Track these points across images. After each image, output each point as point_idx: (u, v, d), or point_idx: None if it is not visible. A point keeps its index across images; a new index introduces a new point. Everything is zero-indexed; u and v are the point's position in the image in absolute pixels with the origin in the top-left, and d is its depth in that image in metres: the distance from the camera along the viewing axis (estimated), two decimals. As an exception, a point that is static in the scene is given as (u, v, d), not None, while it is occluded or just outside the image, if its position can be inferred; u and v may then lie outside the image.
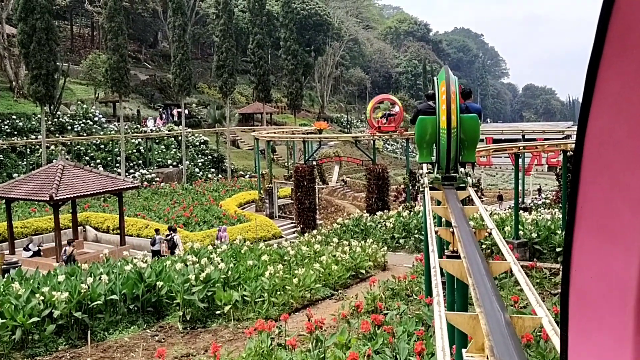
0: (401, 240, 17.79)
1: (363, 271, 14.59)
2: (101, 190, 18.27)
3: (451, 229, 5.56)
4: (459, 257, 5.30)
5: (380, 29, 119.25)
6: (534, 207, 34.47)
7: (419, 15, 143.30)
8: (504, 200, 43.65)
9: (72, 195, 17.37)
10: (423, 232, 12.36)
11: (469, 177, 7.77)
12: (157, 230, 19.78)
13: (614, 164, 1.02)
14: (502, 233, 16.66)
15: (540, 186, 45.37)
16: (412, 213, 20.06)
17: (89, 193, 17.90)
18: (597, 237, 1.09)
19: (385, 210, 22.86)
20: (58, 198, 16.82)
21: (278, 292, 11.78)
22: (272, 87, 72.04)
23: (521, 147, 14.98)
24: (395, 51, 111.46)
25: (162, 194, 32.20)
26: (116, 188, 18.67)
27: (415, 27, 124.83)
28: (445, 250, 5.81)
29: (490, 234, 5.70)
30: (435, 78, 8.11)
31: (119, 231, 21.82)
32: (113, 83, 31.37)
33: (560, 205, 22.05)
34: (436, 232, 5.72)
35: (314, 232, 20.23)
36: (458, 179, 7.60)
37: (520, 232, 16.18)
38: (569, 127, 76.26)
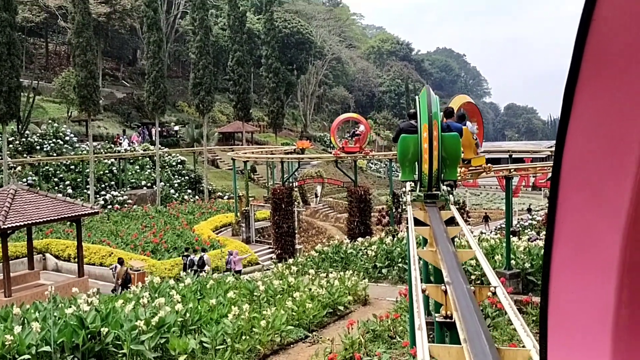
0: (384, 270, 16.44)
1: (342, 307, 13.18)
2: (56, 217, 16.68)
3: (443, 287, 4.29)
4: (453, 324, 4.03)
5: (363, 48, 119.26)
6: (521, 229, 33.45)
7: (401, 35, 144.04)
8: (491, 221, 42.65)
9: (22, 223, 15.77)
10: (407, 261, 11.17)
11: (451, 195, 7.87)
12: (120, 260, 18.25)
13: (592, 182, 1.04)
14: (492, 262, 15.40)
15: (530, 206, 44.44)
16: (395, 239, 18.74)
17: (42, 220, 16.31)
18: (575, 255, 1.10)
19: (368, 236, 21.51)
20: (6, 227, 15.21)
21: (244, 337, 10.32)
22: (254, 106, 70.87)
23: (512, 170, 13.83)
24: (378, 70, 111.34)
25: (133, 218, 30.55)
26: (74, 214, 17.10)
27: (398, 46, 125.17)
28: (436, 315, 4.52)
29: (494, 292, 4.40)
30: (417, 97, 8.12)
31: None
32: (81, 101, 29.82)
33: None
34: (423, 291, 4.41)
35: (290, 261, 18.81)
36: (440, 197, 7.60)
37: (512, 262, 14.93)
38: (551, 147, 76.07)
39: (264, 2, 58.31)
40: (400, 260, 16.60)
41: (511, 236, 16.90)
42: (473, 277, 14.31)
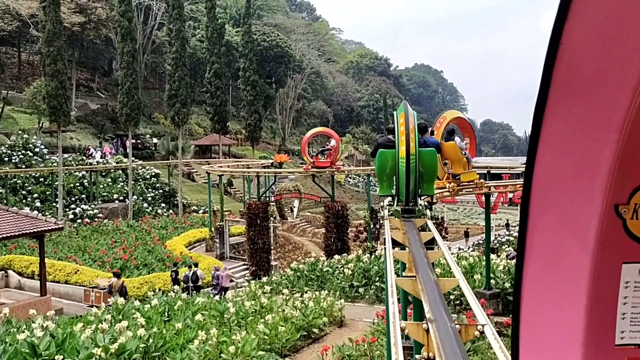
0: (361, 289, 15.89)
1: (317, 330, 12.60)
2: (17, 233, 15.79)
3: (424, 325, 3.81)
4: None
5: (342, 63, 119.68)
6: (499, 245, 33.27)
7: (380, 51, 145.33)
8: (470, 237, 42.55)
9: (-21, 239, 14.88)
10: (384, 280, 10.70)
11: (428, 210, 7.87)
12: (117, 274, 17.71)
13: (561, 202, 1.07)
14: (472, 282, 15.02)
15: (507, 221, 44.44)
16: (372, 257, 18.25)
17: (1, 237, 15.42)
18: (546, 275, 1.13)
19: (345, 253, 20.98)
20: (-39, 243, 14.32)
21: (211, 364, 9.67)
22: (232, 119, 70.21)
23: (492, 187, 13.50)
24: (357, 85, 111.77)
25: (103, 232, 29.54)
26: (36, 230, 16.23)
27: (377, 62, 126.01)
28: (417, 357, 4.03)
29: (482, 332, 3.94)
30: (395, 112, 8.20)
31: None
32: (51, 111, 28.86)
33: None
34: (402, 330, 3.92)
35: (264, 279, 18.17)
36: (417, 212, 7.64)
37: (492, 281, 14.55)
38: (524, 163, 76.81)
39: (242, 15, 57.99)
40: (377, 279, 16.10)
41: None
42: (452, 296, 13.88)
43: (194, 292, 18.15)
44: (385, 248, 7.28)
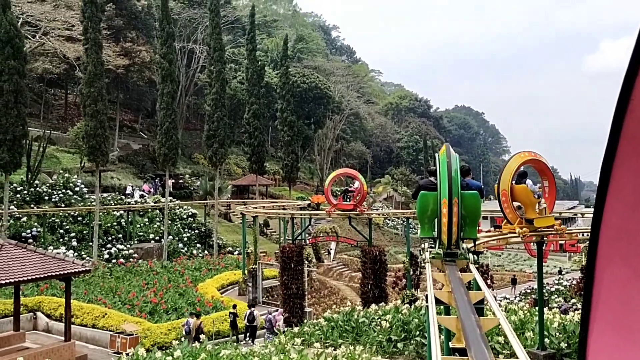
0: (399, 345, 14.60)
1: (350, 391, 11.42)
2: (43, 276, 15.34)
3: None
4: None
5: (381, 104, 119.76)
6: (548, 296, 31.15)
7: (419, 92, 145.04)
8: (518, 284, 40.34)
9: (5, 282, 14.43)
10: (426, 335, 9.66)
11: (470, 254, 7.75)
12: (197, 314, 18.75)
13: (632, 257, 1.03)
14: (523, 340, 13.57)
15: (560, 268, 41.97)
16: (412, 307, 16.95)
17: (27, 279, 14.96)
18: (613, 332, 1.08)
19: (382, 302, 19.73)
20: (-16, 285, 13.92)
21: None
22: (271, 159, 70.40)
23: (548, 235, 12.22)
24: (396, 126, 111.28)
25: (137, 273, 29.12)
26: (63, 273, 15.76)
27: (416, 103, 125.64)
28: None
29: None
30: (436, 154, 8.17)
31: (73, 319, 18.72)
32: (90, 151, 29.08)
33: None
34: None
35: (295, 329, 17.08)
36: (460, 256, 7.47)
37: (546, 340, 13.10)
38: (572, 207, 73.79)
39: (280, 57, 58.67)
40: (418, 333, 14.80)
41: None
42: (501, 356, 12.51)
43: (250, 337, 19.68)
44: (427, 305, 6.45)
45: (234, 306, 20.88)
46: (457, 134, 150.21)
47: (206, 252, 38.63)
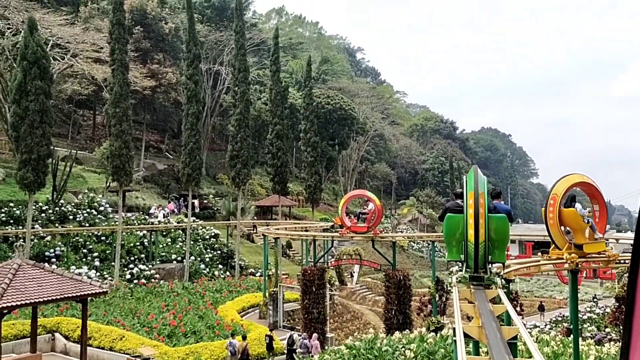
0: (424, 376, 13.89)
1: None
2: (59, 297, 15.08)
3: None
4: None
5: (406, 126, 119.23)
6: (580, 324, 29.81)
7: (445, 114, 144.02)
8: (546, 311, 38.94)
9: (20, 303, 14.22)
10: None
11: (498, 278, 7.65)
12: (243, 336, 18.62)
13: None
14: (558, 374, 12.75)
15: (595, 295, 40.35)
16: (438, 336, 16.20)
17: (42, 300, 14.71)
18: None
19: (407, 329, 18.99)
20: (1, 306, 13.70)
21: None
22: (294, 180, 70.26)
23: (581, 262, 11.46)
24: (421, 148, 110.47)
25: (157, 294, 28.84)
26: (79, 294, 15.50)
27: (442, 125, 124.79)
28: None
29: None
30: (464, 177, 8.15)
31: (89, 342, 18.43)
32: (114, 171, 29.15)
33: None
34: None
35: (316, 357, 16.46)
36: (487, 279, 7.38)
37: (583, 374, 12.25)
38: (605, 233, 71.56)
39: (304, 78, 58.86)
40: (444, 364, 14.06)
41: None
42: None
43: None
44: (455, 340, 6.00)
45: (271, 329, 21.13)
46: (484, 156, 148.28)
47: (228, 273, 38.26)
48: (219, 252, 40.91)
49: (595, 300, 36.89)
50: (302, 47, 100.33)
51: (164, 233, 39.34)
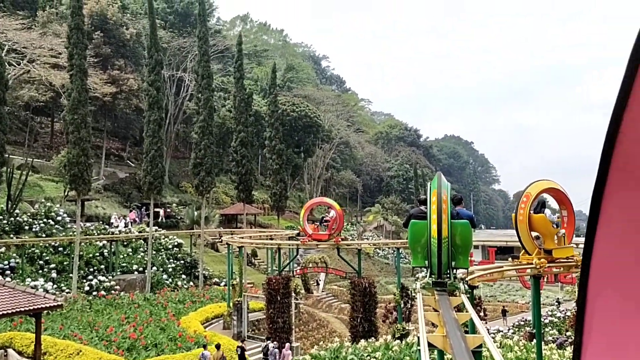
0: (390, 384, 13.79)
1: None
2: (11, 312, 14.39)
3: None
4: None
5: (371, 133, 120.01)
6: (543, 329, 30.29)
7: (409, 122, 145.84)
8: (509, 315, 39.46)
9: (-33, 318, 13.51)
10: None
11: (461, 284, 7.88)
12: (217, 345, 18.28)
13: (621, 289, 1.04)
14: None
15: (558, 299, 41.07)
16: (404, 343, 16.15)
17: (-8, 314, 14.03)
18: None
19: (372, 337, 18.87)
20: (-54, 321, 12.96)
21: None
22: (260, 188, 69.71)
23: (545, 268, 11.56)
24: (386, 155, 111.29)
25: (117, 306, 27.99)
26: (32, 308, 14.82)
27: (406, 132, 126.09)
28: None
29: None
30: (428, 183, 8.27)
31: (44, 358, 17.65)
32: (71, 179, 28.26)
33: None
34: None
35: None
36: (450, 285, 7.51)
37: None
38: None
39: (269, 85, 58.70)
40: (409, 371, 13.99)
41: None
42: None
43: None
44: (419, 349, 5.95)
45: (242, 340, 20.88)
46: (447, 163, 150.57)
47: (191, 283, 37.54)
48: (182, 261, 40.14)
49: (558, 303, 37.57)
50: (267, 55, 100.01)
51: (125, 243, 38.36)
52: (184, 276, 38.38)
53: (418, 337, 6.30)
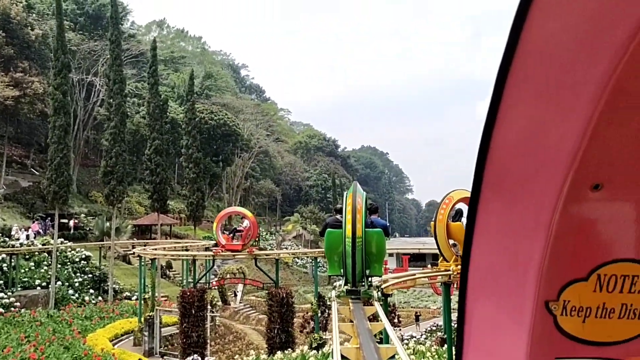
0: (306, 396, 13.72)
1: None
2: None
3: None
4: None
5: (290, 143, 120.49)
6: (454, 334, 31.50)
7: (327, 132, 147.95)
8: (422, 321, 40.68)
9: None
10: None
11: (375, 291, 8.10)
12: None
13: (496, 296, 1.11)
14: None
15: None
16: (320, 353, 16.16)
17: None
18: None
19: (289, 349, 18.75)
20: None
21: None
22: (176, 197, 67.72)
23: (455, 275, 12.03)
24: (305, 165, 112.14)
25: (17, 324, 25.99)
26: None
27: (325, 142, 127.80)
28: None
29: None
30: (345, 193, 8.35)
31: None
32: (-35, 188, 26.07)
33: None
34: None
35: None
36: (364, 293, 7.58)
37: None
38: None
39: (186, 92, 57.45)
40: (325, 382, 14.00)
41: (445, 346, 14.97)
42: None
43: None
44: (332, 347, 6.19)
45: (162, 356, 19.70)
46: (364, 172, 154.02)
47: (100, 298, 35.66)
48: (90, 275, 38.07)
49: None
50: (184, 62, 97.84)
51: (27, 256, 35.83)
52: (92, 291, 36.39)
53: (332, 349, 6.32)
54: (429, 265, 13.06)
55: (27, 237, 38.63)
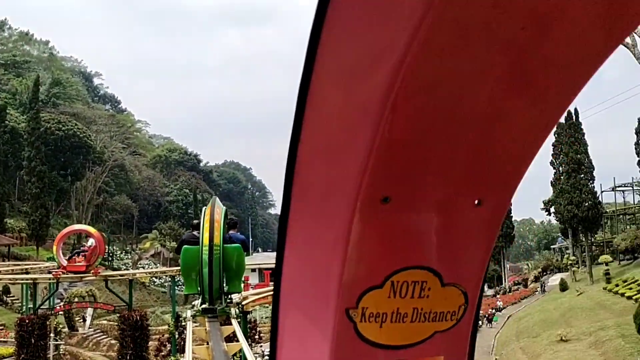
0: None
1: None
2: None
3: None
4: None
5: (149, 157, 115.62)
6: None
7: (189, 146, 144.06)
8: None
9: None
10: None
11: (233, 309, 7.85)
12: None
13: (302, 307, 1.19)
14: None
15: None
16: (176, 377, 15.48)
17: None
18: None
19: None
20: None
21: None
22: (17, 215, 61.39)
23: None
24: (165, 180, 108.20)
25: None
26: None
27: (186, 157, 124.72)
28: None
29: None
30: (203, 208, 8.28)
31: None
32: None
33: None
34: None
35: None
36: (220, 310, 7.44)
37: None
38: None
39: (29, 100, 52.75)
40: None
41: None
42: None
43: None
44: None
45: None
46: (227, 188, 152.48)
47: None
48: None
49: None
50: (29, 66, 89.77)
51: None
52: None
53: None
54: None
55: None
